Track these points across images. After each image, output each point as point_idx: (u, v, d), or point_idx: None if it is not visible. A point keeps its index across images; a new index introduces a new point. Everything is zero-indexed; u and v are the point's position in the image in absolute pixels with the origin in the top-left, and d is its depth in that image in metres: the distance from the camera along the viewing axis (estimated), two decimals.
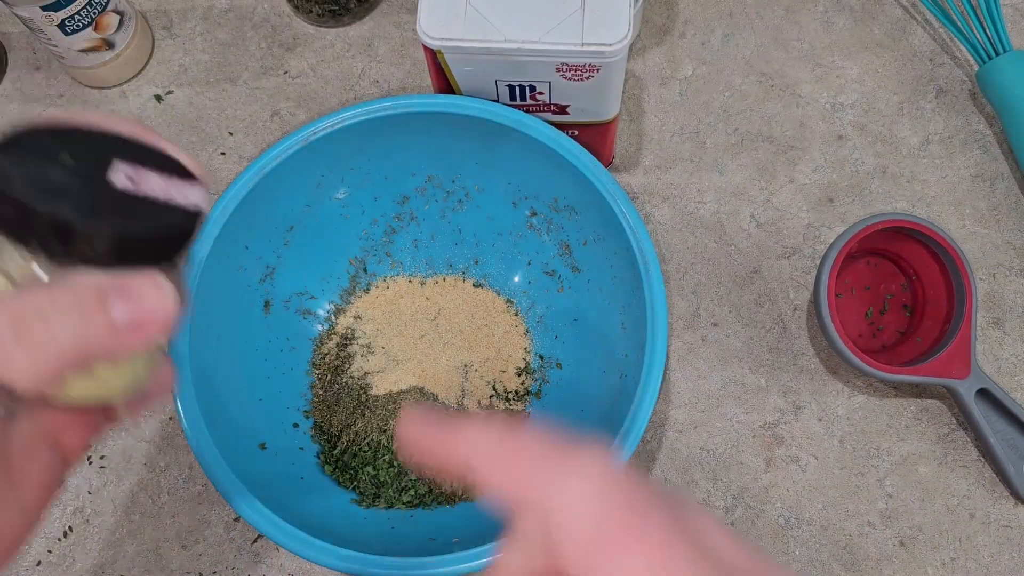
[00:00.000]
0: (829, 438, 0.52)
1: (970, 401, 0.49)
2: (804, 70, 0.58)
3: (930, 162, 0.57)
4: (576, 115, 0.49)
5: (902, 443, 0.52)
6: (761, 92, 0.58)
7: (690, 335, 0.54)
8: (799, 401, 0.53)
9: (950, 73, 0.58)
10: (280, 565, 0.50)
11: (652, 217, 0.56)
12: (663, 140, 0.57)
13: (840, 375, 0.53)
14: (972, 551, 0.50)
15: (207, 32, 0.61)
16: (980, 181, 0.56)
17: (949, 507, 0.51)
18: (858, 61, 0.59)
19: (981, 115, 0.57)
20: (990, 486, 0.51)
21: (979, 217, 0.55)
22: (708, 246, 0.55)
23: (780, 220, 0.56)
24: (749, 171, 0.57)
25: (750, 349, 0.53)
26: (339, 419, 0.51)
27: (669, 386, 0.53)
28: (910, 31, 0.59)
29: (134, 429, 0.53)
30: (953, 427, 0.52)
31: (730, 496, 0.51)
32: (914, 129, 0.57)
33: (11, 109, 0.59)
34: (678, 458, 0.52)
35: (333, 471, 0.49)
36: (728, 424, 0.52)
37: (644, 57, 0.59)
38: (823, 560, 0.50)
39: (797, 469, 0.52)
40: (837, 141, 0.57)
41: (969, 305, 0.50)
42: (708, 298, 0.54)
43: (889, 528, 0.51)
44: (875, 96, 0.58)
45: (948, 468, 0.51)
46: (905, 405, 0.53)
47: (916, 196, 0.56)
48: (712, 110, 0.58)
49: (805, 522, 0.51)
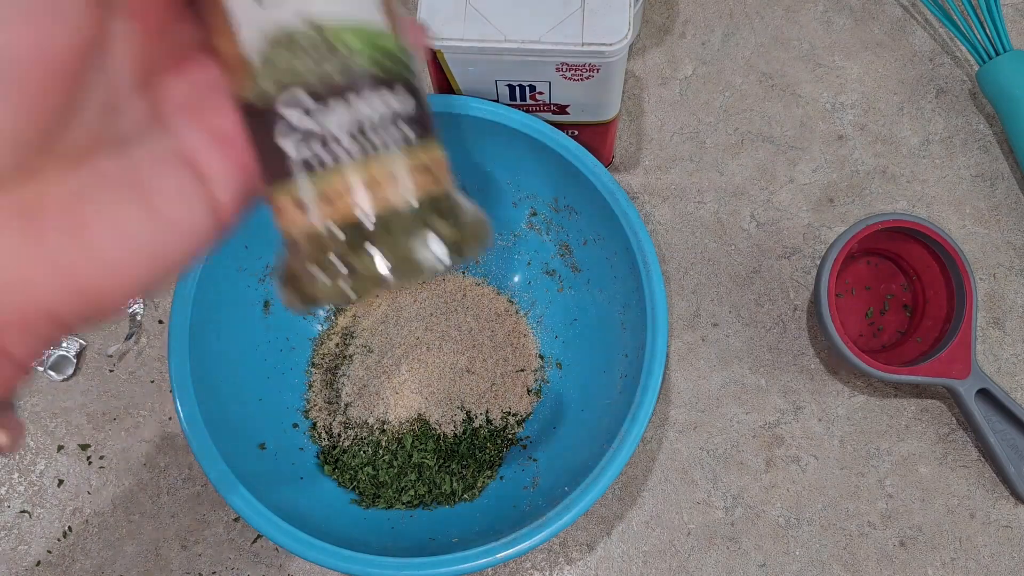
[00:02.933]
0: (829, 438, 0.52)
1: (970, 401, 0.49)
2: (804, 70, 0.58)
3: (930, 162, 0.57)
4: (576, 115, 0.49)
5: (902, 443, 0.52)
6: (761, 92, 0.58)
7: (690, 335, 0.54)
8: (799, 401, 0.53)
9: (950, 73, 0.58)
10: (280, 565, 0.50)
11: (652, 217, 0.56)
12: (663, 140, 0.57)
13: (840, 375, 0.53)
14: (972, 551, 0.50)
15: None
16: (980, 181, 0.56)
17: (949, 507, 0.51)
18: (858, 61, 0.58)
19: (981, 115, 0.57)
20: (990, 486, 0.51)
21: (979, 217, 0.55)
22: (708, 246, 0.55)
23: (780, 220, 0.56)
24: (749, 171, 0.57)
25: (750, 349, 0.53)
26: (338, 419, 0.51)
27: (669, 386, 0.53)
28: (910, 31, 0.59)
29: (133, 429, 0.53)
30: (953, 427, 0.52)
31: (730, 496, 0.51)
32: (914, 129, 0.57)
33: None
34: (678, 458, 0.52)
35: (333, 471, 0.49)
36: (728, 424, 0.52)
37: (644, 57, 0.59)
38: (823, 560, 0.50)
39: (797, 469, 0.52)
40: (837, 141, 0.57)
41: (969, 305, 0.50)
42: (708, 298, 0.54)
43: (889, 528, 0.50)
44: (875, 96, 0.58)
45: (948, 468, 0.51)
46: (905, 405, 0.52)
47: (916, 196, 0.56)
48: (712, 110, 0.58)
49: (805, 522, 0.51)
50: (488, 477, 0.50)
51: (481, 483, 0.50)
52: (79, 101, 0.22)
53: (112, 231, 0.22)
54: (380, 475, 0.49)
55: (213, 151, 0.24)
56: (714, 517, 0.51)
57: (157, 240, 0.23)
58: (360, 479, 0.49)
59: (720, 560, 0.50)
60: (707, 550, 0.50)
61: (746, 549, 0.50)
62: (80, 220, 0.22)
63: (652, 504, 0.51)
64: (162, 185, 0.23)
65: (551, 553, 0.51)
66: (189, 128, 0.24)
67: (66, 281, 0.21)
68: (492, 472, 0.50)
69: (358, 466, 0.49)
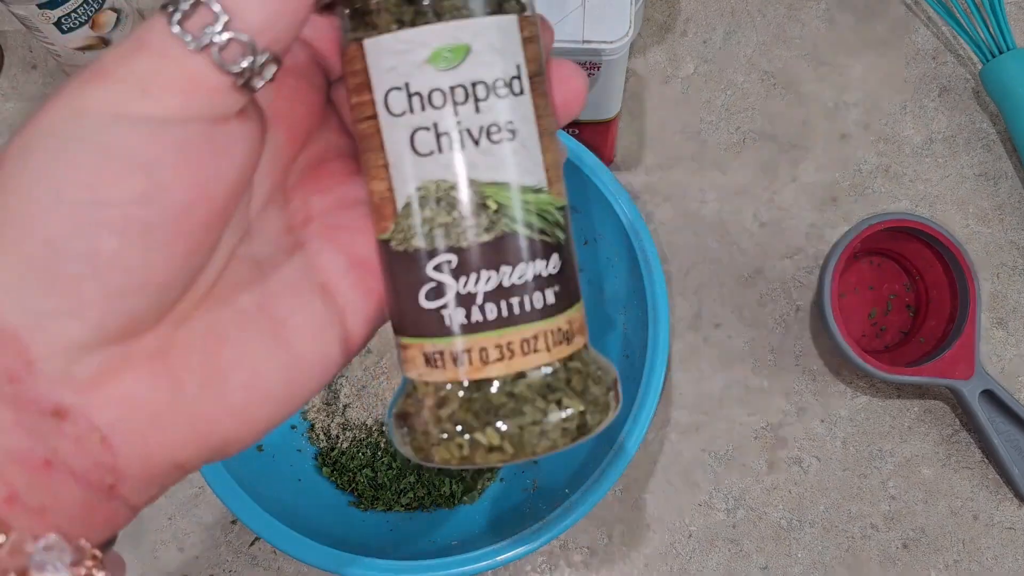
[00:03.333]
0: (832, 439, 0.52)
1: (974, 402, 0.49)
2: (807, 68, 0.58)
3: (933, 161, 0.56)
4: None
5: (905, 444, 0.52)
6: (763, 90, 0.58)
7: (692, 336, 0.53)
8: (802, 402, 0.52)
9: (953, 71, 0.58)
10: (278, 568, 0.50)
11: (654, 217, 0.55)
12: (665, 139, 0.57)
13: (843, 376, 0.53)
14: (976, 553, 0.50)
15: None
16: (984, 180, 0.56)
17: (952, 509, 0.50)
18: (861, 59, 0.58)
19: (985, 113, 0.57)
20: (994, 488, 0.51)
21: (983, 216, 0.55)
22: (710, 246, 0.55)
23: (783, 220, 0.55)
24: (751, 170, 0.56)
25: (752, 350, 0.53)
26: (337, 421, 0.50)
27: (671, 388, 0.53)
28: (913, 29, 0.59)
29: None
30: (957, 428, 0.52)
31: (732, 498, 0.51)
32: (917, 128, 0.57)
33: (7, 108, 0.59)
34: (680, 460, 0.52)
35: (331, 473, 0.49)
36: (730, 426, 0.52)
37: (645, 55, 0.59)
38: (826, 563, 0.50)
39: (799, 471, 0.51)
40: (840, 140, 0.57)
41: (973, 305, 0.49)
42: (710, 299, 0.54)
43: (892, 530, 0.50)
44: (878, 94, 0.57)
45: (951, 470, 0.51)
46: (908, 406, 0.52)
47: (919, 195, 0.56)
48: (714, 109, 0.57)
49: (807, 524, 0.50)
50: (488, 479, 0.50)
51: (481, 485, 0.49)
52: (224, 233, 0.21)
53: (248, 376, 0.21)
54: (379, 477, 0.49)
55: (348, 278, 0.23)
56: (716, 519, 0.51)
57: (290, 379, 0.22)
58: (359, 481, 0.49)
59: (722, 563, 0.50)
60: (708, 552, 0.50)
61: (748, 551, 0.50)
62: (217, 366, 0.21)
63: (653, 506, 0.51)
64: (297, 321, 0.22)
65: (551, 556, 0.50)
66: (325, 250, 0.23)
67: (198, 432, 0.21)
68: (492, 474, 0.50)
69: (357, 468, 0.49)
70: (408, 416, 0.23)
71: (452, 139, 0.21)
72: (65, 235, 0.18)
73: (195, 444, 0.21)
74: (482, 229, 0.21)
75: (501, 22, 0.21)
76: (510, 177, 0.22)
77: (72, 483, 0.19)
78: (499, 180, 0.22)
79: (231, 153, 0.20)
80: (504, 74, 0.21)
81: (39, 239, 0.18)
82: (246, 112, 0.20)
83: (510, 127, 0.22)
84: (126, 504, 0.20)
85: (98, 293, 0.19)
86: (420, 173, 0.21)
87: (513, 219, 0.22)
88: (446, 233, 0.21)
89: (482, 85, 0.21)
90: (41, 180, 0.18)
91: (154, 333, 0.20)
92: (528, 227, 0.22)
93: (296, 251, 0.23)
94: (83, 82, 0.19)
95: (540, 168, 0.22)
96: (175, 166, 0.19)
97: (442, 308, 0.22)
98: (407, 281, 0.22)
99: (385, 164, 0.22)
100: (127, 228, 0.18)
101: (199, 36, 0.18)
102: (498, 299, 0.22)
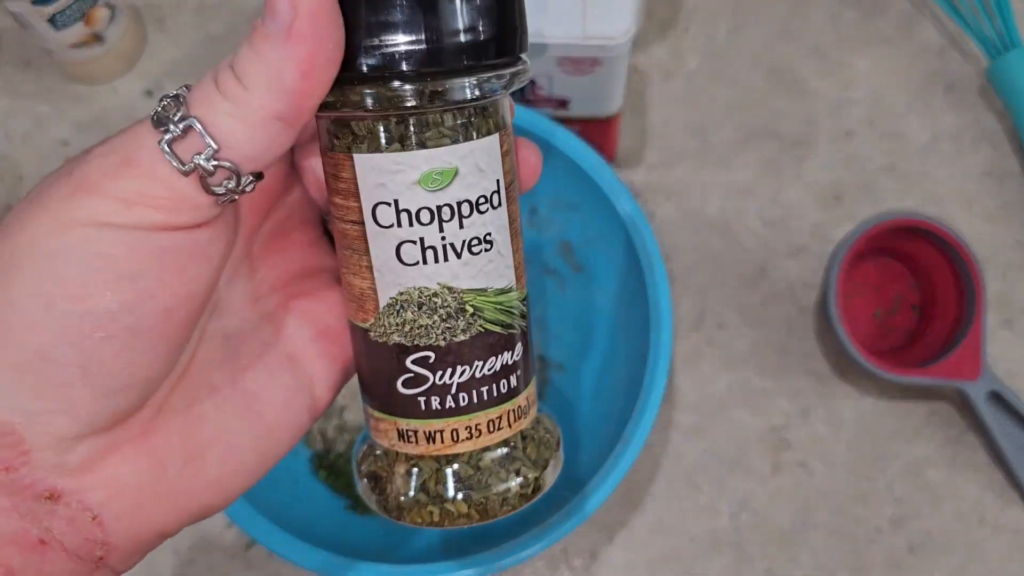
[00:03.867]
0: (837, 442, 0.51)
1: (980, 404, 0.49)
2: (811, 65, 0.58)
3: (939, 159, 0.56)
4: (577, 110, 0.49)
5: (911, 447, 0.51)
6: (767, 87, 0.57)
7: (695, 337, 0.53)
8: (806, 404, 0.52)
9: (960, 68, 0.57)
10: (275, 572, 0.49)
11: (656, 215, 0.55)
12: (667, 136, 0.56)
13: (848, 377, 0.52)
14: (982, 557, 0.49)
15: (200, 26, 0.60)
16: (990, 178, 0.55)
17: (959, 512, 0.50)
18: (866, 56, 0.58)
19: (991, 111, 0.56)
20: (1000, 491, 0.50)
21: (989, 215, 0.55)
22: (713, 245, 0.54)
23: (787, 218, 0.55)
24: (755, 168, 0.56)
25: (756, 351, 0.53)
26: (333, 423, 0.50)
27: (674, 389, 0.52)
28: (919, 25, 0.58)
29: None
30: (963, 430, 0.51)
31: (736, 502, 0.50)
32: (923, 125, 0.56)
33: (1, 104, 0.58)
34: (683, 463, 0.51)
35: (328, 476, 0.48)
36: (734, 428, 0.51)
37: (647, 51, 0.58)
38: (831, 567, 0.49)
39: (804, 474, 0.51)
40: (845, 137, 0.56)
41: (979, 306, 0.49)
42: (714, 298, 0.54)
43: (898, 534, 0.50)
44: (883, 92, 0.57)
45: (958, 472, 0.51)
46: (914, 408, 0.52)
47: (925, 194, 0.55)
48: (717, 105, 0.57)
49: (812, 528, 0.50)
50: None
51: None
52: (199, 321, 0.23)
53: (223, 451, 0.23)
54: None
55: (314, 347, 0.25)
56: (719, 523, 0.50)
57: (262, 449, 0.24)
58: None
59: (725, 567, 0.49)
60: (712, 557, 0.50)
61: (752, 556, 0.50)
62: (196, 444, 0.22)
63: (656, 510, 0.50)
64: (268, 395, 0.24)
65: (552, 560, 0.50)
66: (290, 320, 0.25)
67: (180, 506, 0.23)
68: None
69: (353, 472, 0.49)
70: (379, 479, 0.25)
71: (437, 252, 0.23)
72: (56, 346, 0.19)
73: (176, 516, 0.23)
74: (459, 330, 0.23)
75: (486, 143, 0.23)
76: (487, 283, 0.24)
77: (64, 558, 0.21)
78: (477, 287, 0.23)
79: (209, 254, 0.21)
80: (486, 191, 0.23)
81: (31, 350, 0.19)
82: (223, 213, 0.22)
83: (488, 239, 0.23)
84: (112, 571, 0.22)
85: (87, 396, 0.20)
86: (404, 280, 0.23)
87: (487, 320, 0.24)
88: (426, 333, 0.23)
89: (467, 203, 0.23)
90: (30, 293, 0.19)
91: (137, 418, 0.22)
92: (499, 324, 0.24)
93: (263, 323, 0.25)
94: (70, 193, 0.20)
95: (511, 270, 0.24)
96: (159, 274, 0.20)
97: (419, 396, 0.24)
98: (385, 368, 0.24)
99: (369, 266, 0.23)
100: (114, 336, 0.20)
101: (188, 161, 0.19)
102: (470, 388, 0.24)
